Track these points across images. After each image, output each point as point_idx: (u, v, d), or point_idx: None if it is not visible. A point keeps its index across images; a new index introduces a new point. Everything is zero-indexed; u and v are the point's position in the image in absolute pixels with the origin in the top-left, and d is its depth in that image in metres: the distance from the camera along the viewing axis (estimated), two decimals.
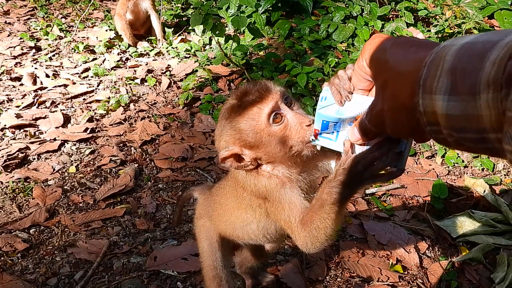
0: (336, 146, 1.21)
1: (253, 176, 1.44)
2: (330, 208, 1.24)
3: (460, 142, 0.72)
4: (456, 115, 0.69)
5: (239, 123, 1.32)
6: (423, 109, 0.75)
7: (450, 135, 0.73)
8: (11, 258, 2.61)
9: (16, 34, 5.78)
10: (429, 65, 0.74)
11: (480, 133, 0.67)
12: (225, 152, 1.35)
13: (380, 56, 0.90)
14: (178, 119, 4.16)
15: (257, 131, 1.31)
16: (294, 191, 1.40)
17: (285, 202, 1.40)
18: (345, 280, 2.56)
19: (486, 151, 0.70)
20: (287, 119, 1.32)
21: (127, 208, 3.03)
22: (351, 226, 2.97)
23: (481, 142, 0.68)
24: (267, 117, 1.29)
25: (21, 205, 3.05)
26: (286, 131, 1.31)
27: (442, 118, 0.71)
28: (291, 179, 1.41)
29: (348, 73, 1.12)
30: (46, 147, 3.66)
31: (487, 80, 0.63)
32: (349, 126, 1.15)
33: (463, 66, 0.68)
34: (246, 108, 1.31)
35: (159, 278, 2.51)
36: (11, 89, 4.54)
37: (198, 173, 3.45)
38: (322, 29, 5.14)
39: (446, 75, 0.70)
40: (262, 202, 1.49)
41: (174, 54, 5.39)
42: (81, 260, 2.61)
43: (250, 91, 1.33)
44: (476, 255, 2.74)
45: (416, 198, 3.29)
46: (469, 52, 0.68)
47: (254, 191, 1.47)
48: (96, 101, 4.41)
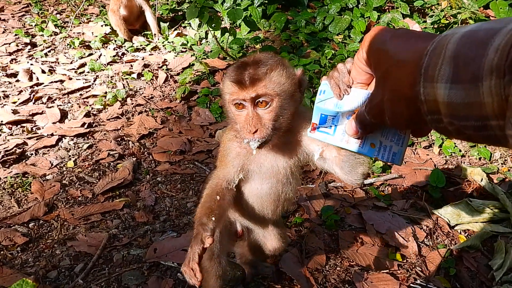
0: (334, 141, 1.20)
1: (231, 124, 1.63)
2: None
3: (461, 130, 0.72)
4: (458, 102, 0.68)
5: (224, 82, 1.50)
6: (424, 97, 0.75)
7: (451, 124, 0.73)
8: (10, 252, 2.61)
9: (11, 31, 5.75)
10: (431, 54, 0.74)
11: (482, 121, 0.67)
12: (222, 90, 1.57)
13: (380, 46, 0.89)
14: (176, 113, 4.16)
15: (224, 98, 1.51)
16: (235, 163, 1.61)
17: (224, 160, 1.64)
18: (344, 269, 2.58)
19: (486, 139, 0.70)
20: (243, 113, 1.44)
21: (126, 202, 3.03)
22: (349, 216, 2.98)
23: (482, 130, 0.68)
24: (231, 99, 1.45)
25: (20, 200, 3.05)
26: (238, 118, 1.47)
27: (443, 106, 0.71)
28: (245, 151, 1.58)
29: (348, 67, 1.12)
30: (44, 142, 3.66)
31: (490, 66, 0.63)
32: (347, 120, 1.14)
33: (465, 54, 0.68)
34: (229, 78, 1.44)
35: (159, 269, 2.52)
36: (7, 86, 4.52)
37: (197, 166, 3.45)
38: (318, 21, 5.14)
39: (448, 63, 0.70)
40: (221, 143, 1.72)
41: (170, 48, 5.38)
42: (81, 253, 2.61)
43: (249, 67, 1.41)
44: (474, 242, 2.76)
45: (414, 187, 3.31)
46: (471, 39, 0.68)
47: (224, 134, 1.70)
48: (93, 96, 4.40)
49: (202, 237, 1.41)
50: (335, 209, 3.00)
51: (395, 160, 1.14)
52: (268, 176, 1.64)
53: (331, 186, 3.28)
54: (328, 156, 1.51)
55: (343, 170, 1.48)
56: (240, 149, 1.60)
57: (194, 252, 1.39)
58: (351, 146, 1.17)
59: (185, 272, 1.39)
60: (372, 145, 1.15)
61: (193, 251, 1.39)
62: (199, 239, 1.41)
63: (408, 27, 4.93)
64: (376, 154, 1.15)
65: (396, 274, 2.55)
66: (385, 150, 1.14)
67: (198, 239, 1.41)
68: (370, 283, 2.46)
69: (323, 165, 1.55)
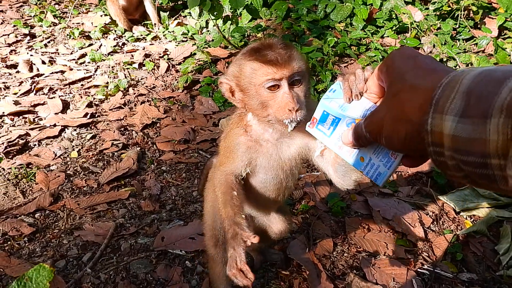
0: (329, 143, 1.21)
1: (237, 118, 1.62)
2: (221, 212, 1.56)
3: (460, 166, 0.73)
4: (463, 137, 0.69)
5: (244, 66, 1.44)
6: (431, 128, 0.75)
7: (451, 158, 0.73)
8: (18, 242, 2.61)
9: (9, 22, 5.70)
10: (445, 86, 0.75)
11: (484, 158, 0.67)
12: (224, 78, 1.52)
13: (402, 68, 0.90)
14: (178, 102, 4.14)
15: (250, 82, 1.42)
16: (244, 157, 1.57)
17: (230, 155, 1.60)
18: (352, 255, 2.59)
19: (483, 178, 0.70)
20: (279, 94, 1.39)
21: (131, 191, 3.03)
22: (356, 203, 2.99)
23: (482, 168, 0.68)
24: (265, 80, 1.38)
25: (25, 190, 3.04)
26: (270, 100, 1.41)
27: (448, 139, 0.72)
28: (255, 144, 1.56)
29: (366, 75, 1.12)
30: (47, 133, 3.64)
31: (501, 105, 0.63)
32: (346, 128, 1.14)
33: (479, 91, 0.69)
34: (257, 60, 1.39)
35: (167, 257, 2.52)
36: (8, 77, 4.49)
37: (201, 155, 3.44)
38: (320, 9, 5.10)
39: (461, 97, 0.71)
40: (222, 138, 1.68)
41: (171, 38, 5.34)
42: (88, 242, 2.61)
43: (273, 48, 1.39)
44: (480, 227, 2.77)
45: (419, 174, 3.31)
46: (488, 78, 0.69)
47: (227, 129, 1.65)
48: (95, 86, 4.37)
49: (242, 237, 1.38)
50: (341, 196, 3.00)
51: (377, 179, 1.16)
52: (274, 167, 1.64)
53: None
54: (327, 156, 1.51)
55: (337, 173, 1.50)
56: (250, 143, 1.57)
57: (240, 253, 1.35)
58: (342, 153, 1.20)
59: (235, 275, 1.33)
60: (361, 158, 1.17)
61: (238, 252, 1.36)
62: (239, 239, 1.38)
63: (410, 14, 4.90)
64: (362, 169, 1.17)
65: (404, 260, 2.56)
66: (371, 168, 1.15)
67: (238, 239, 1.38)
68: (377, 268, 2.47)
69: (319, 163, 1.57)
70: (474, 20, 4.98)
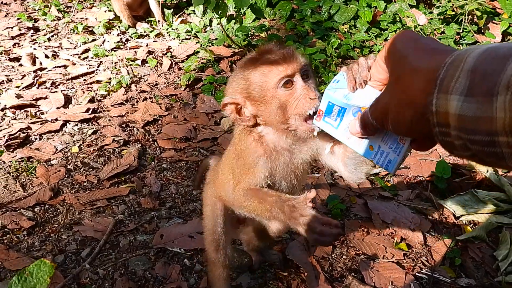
0: (337, 134, 1.20)
1: (244, 133, 1.51)
2: (264, 210, 1.39)
3: (467, 145, 0.72)
4: (469, 116, 0.68)
5: (251, 75, 1.37)
6: (436, 108, 0.74)
7: (458, 137, 0.73)
8: (17, 236, 2.61)
9: (13, 15, 5.70)
10: (448, 66, 0.74)
11: (491, 136, 0.66)
12: (229, 98, 1.41)
13: (403, 51, 0.89)
14: (180, 100, 4.14)
15: (263, 88, 1.35)
16: (264, 168, 1.47)
17: (251, 170, 1.48)
18: (350, 258, 2.58)
19: (491, 156, 0.70)
20: (296, 88, 1.35)
21: (131, 188, 3.03)
22: (355, 205, 2.99)
23: (490, 146, 0.68)
24: (279, 79, 1.33)
25: (25, 184, 3.04)
26: (290, 98, 1.35)
27: (454, 118, 0.71)
28: (273, 153, 1.47)
29: (369, 62, 1.11)
30: (48, 127, 3.64)
31: (507, 82, 0.62)
32: (353, 117, 1.14)
33: (483, 68, 0.68)
34: (263, 64, 1.35)
35: (166, 255, 2.52)
36: (10, 70, 4.49)
37: (202, 153, 3.44)
38: (324, 10, 5.10)
39: (465, 76, 0.70)
40: (234, 158, 1.57)
41: (174, 35, 5.34)
42: (87, 238, 2.61)
43: (274, 50, 1.36)
44: (479, 233, 2.76)
45: (419, 178, 3.31)
46: (492, 55, 0.68)
47: (237, 146, 1.55)
48: (97, 81, 4.37)
49: (301, 203, 1.30)
50: (340, 198, 3.00)
51: (389, 167, 1.15)
52: (289, 174, 1.59)
53: (336, 176, 3.27)
54: (337, 152, 1.49)
55: (347, 168, 1.48)
56: (269, 153, 1.48)
57: (311, 212, 1.26)
58: (351, 144, 1.19)
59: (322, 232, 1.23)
60: (370, 147, 1.17)
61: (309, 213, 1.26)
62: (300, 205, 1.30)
63: (414, 18, 4.90)
64: (372, 157, 1.17)
65: (402, 263, 2.56)
66: (381, 155, 1.15)
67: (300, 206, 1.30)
68: (376, 271, 2.47)
69: (329, 161, 1.54)
70: (478, 25, 4.99)
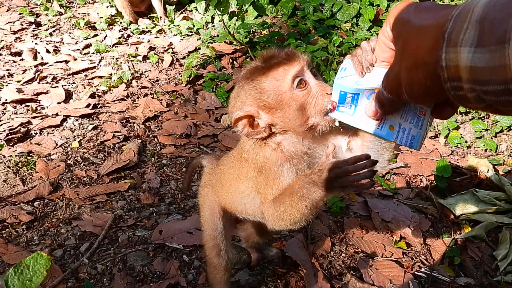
0: (354, 122, 1.17)
1: (259, 146, 1.42)
2: (298, 199, 1.26)
3: (481, 97, 0.71)
4: (481, 66, 0.67)
5: (262, 82, 1.31)
6: (446, 63, 0.73)
7: (471, 90, 0.71)
8: (16, 230, 2.61)
9: (15, 9, 5.68)
10: (456, 18, 0.72)
11: (505, 84, 0.65)
12: (240, 112, 1.33)
13: (403, 17, 0.88)
14: (181, 96, 4.13)
15: (279, 93, 1.29)
16: (290, 173, 1.39)
17: (278, 180, 1.39)
18: (349, 255, 2.58)
19: (507, 105, 0.69)
20: (310, 86, 1.31)
21: (131, 183, 3.02)
22: (355, 203, 2.98)
23: (505, 94, 0.67)
24: (292, 80, 1.28)
25: (25, 178, 3.04)
26: (307, 98, 1.30)
27: (465, 71, 0.70)
28: (294, 157, 1.39)
29: (372, 45, 1.10)
30: (48, 122, 3.64)
31: None
32: (367, 101, 1.12)
33: (492, 16, 0.66)
34: (271, 69, 1.30)
35: (164, 251, 2.52)
36: (12, 64, 4.49)
37: (202, 150, 3.44)
38: (326, 8, 5.08)
39: (474, 27, 0.68)
40: (256, 174, 1.48)
41: (176, 31, 5.33)
42: (86, 233, 2.61)
43: (277, 55, 1.32)
44: (479, 233, 2.76)
45: (419, 177, 3.30)
46: (500, 2, 0.66)
47: (254, 161, 1.46)
48: (98, 77, 4.37)
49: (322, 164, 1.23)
50: (340, 196, 3.00)
51: (413, 144, 1.13)
52: None
53: None
54: (354, 146, 1.44)
55: None
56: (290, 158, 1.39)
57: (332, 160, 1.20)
58: (370, 128, 1.15)
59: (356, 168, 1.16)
60: (391, 127, 1.13)
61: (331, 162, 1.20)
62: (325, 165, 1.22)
63: None
64: (395, 138, 1.13)
65: (401, 262, 2.55)
66: (403, 133, 1.12)
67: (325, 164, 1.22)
68: (375, 270, 2.46)
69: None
70: None
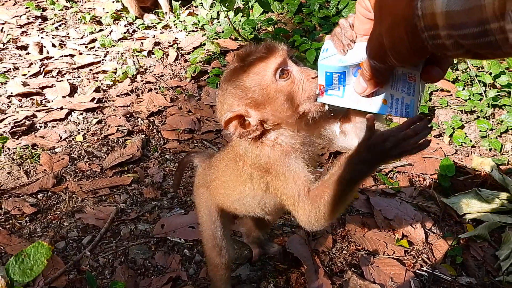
0: (345, 103, 1.16)
1: (256, 146, 1.38)
2: (346, 185, 1.18)
3: (458, 42, 0.70)
4: (457, 10, 0.67)
5: (244, 81, 1.27)
6: (421, 12, 0.73)
7: (448, 36, 0.71)
8: (19, 222, 2.63)
9: (22, 3, 5.71)
10: None
11: (482, 25, 0.65)
12: (229, 114, 1.28)
13: None
14: (186, 91, 4.13)
15: (263, 87, 1.27)
16: (299, 162, 1.34)
17: (290, 174, 1.33)
18: (351, 253, 2.58)
19: (486, 47, 0.68)
20: (293, 75, 1.28)
21: (134, 177, 3.04)
22: (357, 201, 2.97)
23: (483, 36, 0.66)
24: (274, 72, 1.25)
25: (29, 171, 3.06)
26: (293, 86, 1.27)
27: (441, 17, 0.70)
28: (295, 148, 1.35)
29: (350, 21, 1.10)
30: (53, 115, 3.65)
31: None
32: (354, 78, 1.11)
33: None
34: (251, 66, 1.27)
35: (166, 245, 2.53)
36: (17, 58, 4.51)
37: (205, 145, 3.44)
38: (332, 5, 5.06)
39: None
40: (263, 175, 1.43)
41: (181, 27, 5.33)
42: (88, 226, 2.63)
43: (253, 51, 1.29)
44: (481, 232, 2.74)
45: (422, 175, 3.29)
46: None
47: (256, 163, 1.41)
48: (103, 71, 4.38)
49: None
50: None
51: (409, 113, 1.09)
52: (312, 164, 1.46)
53: None
54: (347, 129, 1.41)
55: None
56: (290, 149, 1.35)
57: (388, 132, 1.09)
58: (363, 106, 1.13)
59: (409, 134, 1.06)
60: (384, 101, 1.12)
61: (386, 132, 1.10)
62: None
63: None
64: (389, 110, 1.11)
65: (403, 260, 2.55)
66: (397, 104, 1.10)
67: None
68: (376, 267, 2.46)
69: (344, 142, 1.45)
70: None
